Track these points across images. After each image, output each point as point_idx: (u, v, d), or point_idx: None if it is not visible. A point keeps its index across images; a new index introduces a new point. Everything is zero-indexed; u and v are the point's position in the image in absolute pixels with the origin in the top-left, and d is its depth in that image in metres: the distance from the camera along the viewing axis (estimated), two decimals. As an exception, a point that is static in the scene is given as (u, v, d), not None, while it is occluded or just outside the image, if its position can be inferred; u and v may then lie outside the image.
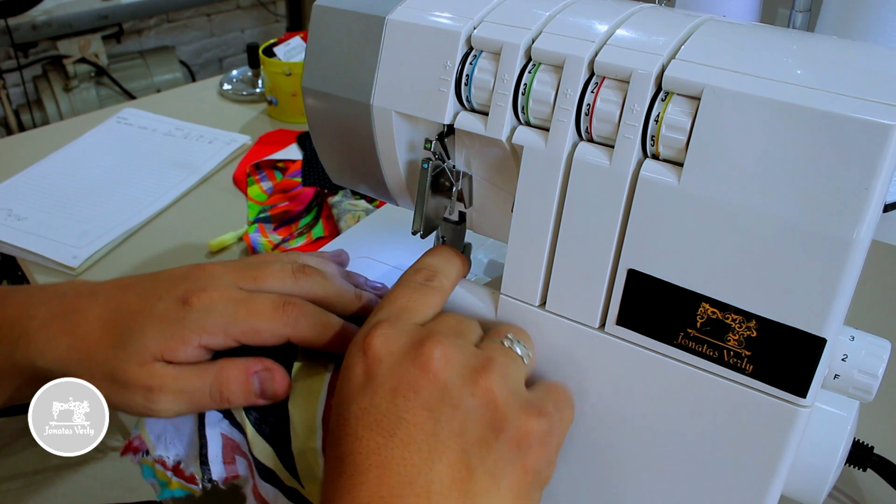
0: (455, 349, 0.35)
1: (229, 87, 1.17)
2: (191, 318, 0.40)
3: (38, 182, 0.92)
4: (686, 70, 0.32)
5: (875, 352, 0.37)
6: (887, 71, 0.31)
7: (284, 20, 2.48)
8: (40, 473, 1.57)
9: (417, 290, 0.39)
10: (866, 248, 0.30)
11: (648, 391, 0.37)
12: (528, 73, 0.36)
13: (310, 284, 0.43)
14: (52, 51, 1.95)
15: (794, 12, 0.70)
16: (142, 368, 0.39)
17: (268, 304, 0.41)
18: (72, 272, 0.77)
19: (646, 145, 0.33)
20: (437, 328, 0.36)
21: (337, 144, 0.45)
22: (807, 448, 0.38)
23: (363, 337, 0.36)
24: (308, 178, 0.88)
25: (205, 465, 0.43)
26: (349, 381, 0.35)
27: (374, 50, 0.40)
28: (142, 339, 0.39)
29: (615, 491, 0.41)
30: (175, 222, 0.86)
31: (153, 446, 0.43)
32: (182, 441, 0.44)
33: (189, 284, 0.41)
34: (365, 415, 0.33)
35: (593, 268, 0.36)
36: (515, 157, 0.39)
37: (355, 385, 0.34)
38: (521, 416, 0.34)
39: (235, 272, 0.43)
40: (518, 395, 0.35)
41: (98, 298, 0.43)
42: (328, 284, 0.44)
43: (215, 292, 0.41)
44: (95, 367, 0.40)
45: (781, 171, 0.30)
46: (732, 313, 0.33)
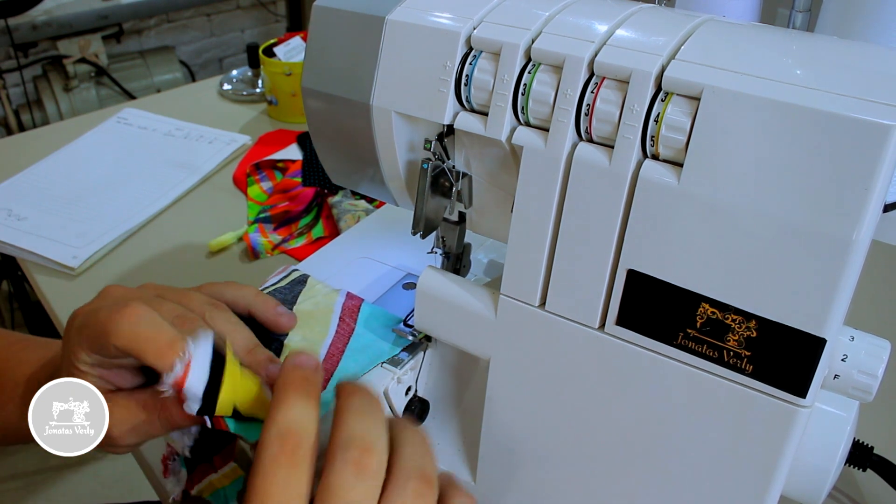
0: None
1: (229, 87, 1.17)
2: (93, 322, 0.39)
3: (38, 182, 0.92)
4: (686, 70, 0.32)
5: (875, 352, 0.37)
6: (887, 71, 0.31)
7: (284, 20, 2.47)
8: (40, 473, 1.57)
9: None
10: (866, 248, 0.30)
11: (648, 391, 0.37)
12: (528, 73, 0.36)
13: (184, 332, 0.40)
14: (52, 51, 1.94)
15: (794, 12, 0.70)
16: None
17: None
18: (72, 272, 0.77)
19: (645, 146, 0.33)
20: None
21: (337, 144, 0.45)
22: (807, 448, 0.38)
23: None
24: (308, 178, 0.88)
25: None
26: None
27: (374, 50, 0.40)
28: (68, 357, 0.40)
29: (615, 491, 0.41)
30: (175, 222, 0.86)
31: (176, 440, 0.44)
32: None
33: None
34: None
35: (593, 268, 0.36)
36: (515, 158, 0.39)
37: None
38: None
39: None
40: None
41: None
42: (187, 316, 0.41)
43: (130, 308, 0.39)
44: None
45: (781, 172, 0.30)
46: (732, 313, 0.33)
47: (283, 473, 0.32)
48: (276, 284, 0.51)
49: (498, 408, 0.43)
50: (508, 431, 0.43)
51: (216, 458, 0.46)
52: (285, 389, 0.34)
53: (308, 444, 0.33)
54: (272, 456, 0.32)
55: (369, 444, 0.33)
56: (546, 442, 0.42)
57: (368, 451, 0.33)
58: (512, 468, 0.44)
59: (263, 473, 0.32)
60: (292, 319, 0.47)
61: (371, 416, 0.34)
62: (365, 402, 0.35)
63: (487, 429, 0.44)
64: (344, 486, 0.32)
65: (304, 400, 0.34)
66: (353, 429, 0.34)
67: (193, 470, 0.46)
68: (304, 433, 0.33)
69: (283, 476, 0.32)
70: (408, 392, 0.47)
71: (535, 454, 0.43)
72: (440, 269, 0.45)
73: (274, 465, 0.32)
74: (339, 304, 0.49)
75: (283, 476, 0.32)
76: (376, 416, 0.35)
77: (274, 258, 0.79)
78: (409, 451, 0.35)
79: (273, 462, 0.32)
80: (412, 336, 0.47)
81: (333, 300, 0.49)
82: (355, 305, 0.49)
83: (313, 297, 0.49)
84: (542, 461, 0.43)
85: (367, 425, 0.34)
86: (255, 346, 0.43)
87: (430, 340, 0.48)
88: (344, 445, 0.33)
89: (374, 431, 0.34)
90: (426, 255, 0.47)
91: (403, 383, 0.46)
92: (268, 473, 0.32)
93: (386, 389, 0.45)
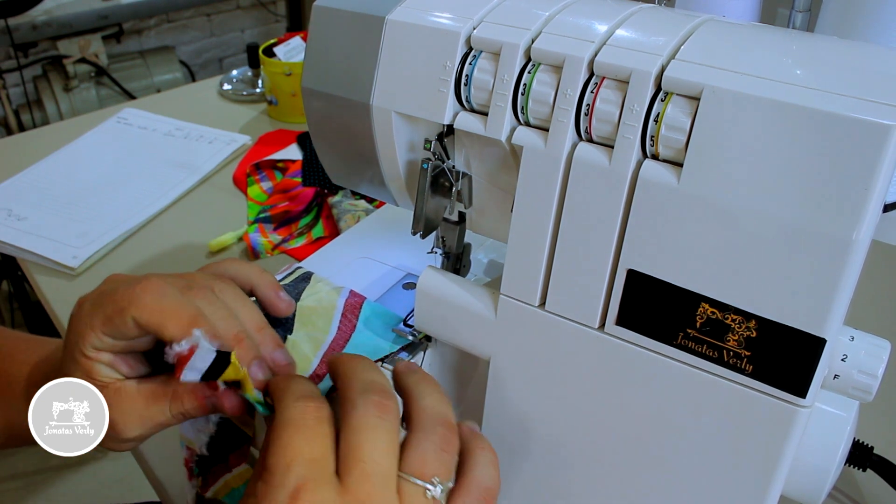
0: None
1: (229, 87, 1.17)
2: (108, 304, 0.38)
3: (38, 182, 0.92)
4: (686, 70, 0.32)
5: (875, 352, 0.37)
6: (887, 71, 0.31)
7: (284, 20, 2.47)
8: (40, 473, 1.57)
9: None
10: (866, 248, 0.30)
11: (648, 391, 0.37)
12: (528, 73, 0.36)
13: (196, 301, 0.39)
14: (52, 51, 1.94)
15: (793, 12, 0.70)
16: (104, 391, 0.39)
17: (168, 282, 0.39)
18: (72, 272, 0.78)
19: (645, 145, 0.33)
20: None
21: (337, 144, 0.45)
22: (807, 448, 0.38)
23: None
24: (308, 178, 0.88)
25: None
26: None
27: (374, 50, 0.40)
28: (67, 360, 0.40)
29: (615, 490, 0.41)
30: (175, 222, 0.86)
31: (192, 441, 0.44)
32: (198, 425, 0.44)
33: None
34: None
35: (593, 268, 0.36)
36: (515, 158, 0.39)
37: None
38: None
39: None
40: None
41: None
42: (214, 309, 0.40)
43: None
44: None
45: (781, 172, 0.30)
46: (732, 313, 0.33)
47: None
48: (282, 282, 0.51)
49: (498, 408, 0.43)
50: (508, 431, 0.43)
51: (232, 456, 0.45)
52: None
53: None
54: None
55: (387, 389, 0.35)
56: (546, 442, 0.42)
57: (387, 393, 0.34)
58: (512, 468, 0.44)
59: (359, 428, 0.33)
60: (291, 306, 0.46)
61: (378, 371, 0.36)
62: (368, 362, 0.37)
63: (487, 429, 0.44)
64: (370, 424, 0.33)
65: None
66: (368, 377, 0.35)
67: (209, 472, 0.46)
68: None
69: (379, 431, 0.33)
70: (408, 392, 0.47)
71: (536, 454, 0.43)
72: (440, 269, 0.45)
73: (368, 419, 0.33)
74: (341, 301, 0.49)
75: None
76: (381, 372, 0.36)
77: (274, 258, 0.79)
78: (430, 400, 0.36)
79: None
80: (412, 336, 0.47)
81: (336, 297, 0.49)
82: (357, 303, 0.49)
83: (316, 294, 0.49)
84: (542, 461, 0.43)
85: (378, 375, 0.35)
86: (264, 325, 0.42)
87: (430, 340, 0.48)
88: (363, 389, 0.34)
89: (386, 381, 0.35)
90: (426, 255, 0.47)
91: (403, 383, 0.46)
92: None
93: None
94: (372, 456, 0.32)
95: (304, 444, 0.32)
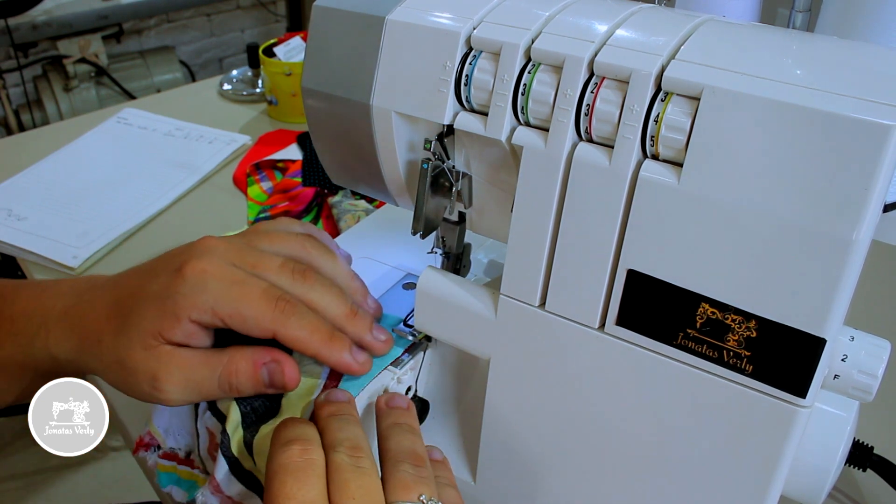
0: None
1: (229, 87, 1.17)
2: (181, 293, 0.39)
3: (38, 182, 0.92)
4: (686, 70, 0.32)
5: (875, 352, 0.37)
6: (887, 71, 0.31)
7: (284, 20, 2.48)
8: (40, 473, 1.57)
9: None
10: (866, 248, 0.30)
11: (648, 391, 0.37)
12: (528, 73, 0.36)
13: (305, 290, 0.42)
14: (52, 51, 1.95)
15: (794, 12, 0.70)
16: (147, 353, 0.39)
17: (259, 293, 0.40)
18: (72, 272, 0.77)
19: (645, 145, 0.33)
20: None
21: (337, 144, 0.45)
22: (807, 448, 0.38)
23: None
24: (308, 178, 0.88)
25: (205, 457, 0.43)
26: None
27: (374, 50, 0.40)
28: (139, 321, 0.39)
29: (615, 490, 0.41)
30: (175, 222, 0.86)
31: (163, 440, 0.44)
32: (186, 432, 0.44)
33: (185, 256, 0.41)
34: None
35: (593, 268, 0.36)
36: (515, 158, 0.39)
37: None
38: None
39: (235, 251, 0.42)
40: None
41: (107, 287, 0.43)
42: (324, 294, 0.42)
43: (209, 266, 0.40)
44: (105, 355, 0.40)
45: (781, 172, 0.30)
46: (732, 313, 0.33)
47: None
48: None
49: (498, 408, 0.43)
50: (508, 431, 0.43)
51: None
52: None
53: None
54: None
55: (358, 444, 0.37)
56: (546, 442, 0.42)
57: (359, 448, 0.36)
58: (512, 468, 0.44)
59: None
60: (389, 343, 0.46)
61: (352, 426, 0.38)
62: (341, 422, 0.38)
63: (487, 429, 0.44)
64: (349, 465, 0.35)
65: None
66: (341, 436, 0.37)
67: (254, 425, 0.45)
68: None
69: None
70: (408, 392, 0.47)
71: (536, 454, 0.43)
72: (440, 269, 0.45)
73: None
74: None
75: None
76: (354, 426, 0.38)
77: (274, 258, 0.79)
78: (397, 439, 0.39)
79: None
80: (412, 336, 0.47)
81: None
82: None
83: None
84: (542, 461, 0.43)
85: (349, 432, 0.37)
86: (356, 311, 0.43)
87: (430, 340, 0.48)
88: (335, 444, 0.36)
89: (356, 436, 0.37)
90: (426, 255, 0.47)
91: (403, 383, 0.46)
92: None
93: (386, 389, 0.45)
94: (359, 492, 0.34)
95: (297, 487, 0.34)
